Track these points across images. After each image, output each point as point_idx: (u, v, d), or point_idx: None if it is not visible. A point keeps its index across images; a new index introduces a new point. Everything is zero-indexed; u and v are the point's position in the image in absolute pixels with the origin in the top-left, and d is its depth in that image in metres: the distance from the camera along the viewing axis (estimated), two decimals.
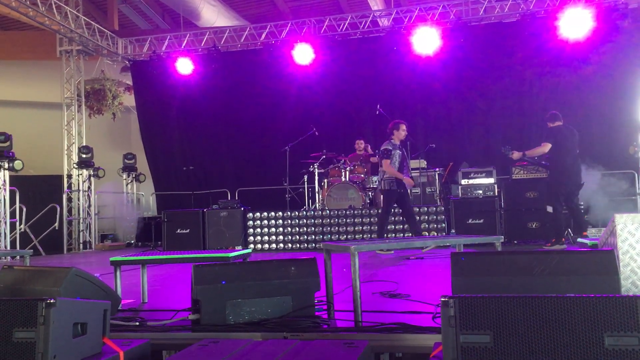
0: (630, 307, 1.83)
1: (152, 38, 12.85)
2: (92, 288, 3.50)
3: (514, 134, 10.61)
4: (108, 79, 12.80)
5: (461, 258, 2.98)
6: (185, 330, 3.16)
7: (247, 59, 12.26)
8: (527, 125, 10.73)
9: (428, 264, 6.41)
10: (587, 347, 1.85)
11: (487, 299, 1.97)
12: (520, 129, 10.80)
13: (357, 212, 9.12)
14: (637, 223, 2.98)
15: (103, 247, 11.79)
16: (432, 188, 10.02)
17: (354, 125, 11.26)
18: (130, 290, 4.79)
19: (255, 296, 3.30)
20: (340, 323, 3.28)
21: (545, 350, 1.88)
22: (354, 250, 3.19)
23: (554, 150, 7.31)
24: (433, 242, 3.55)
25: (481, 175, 9.19)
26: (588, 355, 1.84)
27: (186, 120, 12.75)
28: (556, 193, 7.32)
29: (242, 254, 4.30)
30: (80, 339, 2.43)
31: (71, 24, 11.16)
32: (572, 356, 1.85)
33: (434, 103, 11.14)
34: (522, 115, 10.87)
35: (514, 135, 10.51)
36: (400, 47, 11.22)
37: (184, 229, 9.58)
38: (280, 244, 9.39)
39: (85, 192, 11.97)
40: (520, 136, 10.57)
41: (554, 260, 2.85)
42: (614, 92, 10.41)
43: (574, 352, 1.85)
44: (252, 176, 12.08)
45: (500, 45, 10.93)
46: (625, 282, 2.95)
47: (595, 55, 10.40)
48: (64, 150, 12.22)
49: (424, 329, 2.92)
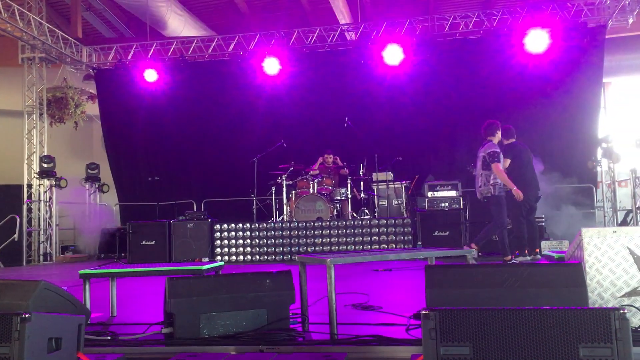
0: (604, 319, 1.90)
1: (118, 47, 12.68)
2: (61, 302, 3.41)
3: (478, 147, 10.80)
4: (70, 87, 12.54)
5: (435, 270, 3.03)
6: (159, 344, 3.12)
7: (214, 70, 12.23)
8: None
9: (397, 276, 6.48)
10: (562, 357, 1.92)
11: (467, 312, 2.02)
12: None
13: (325, 224, 9.15)
14: (602, 237, 3.10)
15: (64, 259, 11.51)
16: (399, 200, 10.14)
17: (323, 137, 11.31)
18: (98, 303, 4.69)
19: (230, 309, 3.29)
20: (315, 335, 3.29)
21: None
22: (330, 263, 3.21)
23: (513, 166, 7.41)
24: (407, 254, 3.60)
25: (447, 188, 9.36)
26: None
27: (152, 130, 12.58)
28: (519, 207, 7.44)
29: (215, 266, 4.27)
30: (55, 354, 2.38)
31: (34, 31, 10.94)
32: None
33: (401, 116, 11.29)
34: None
35: (479, 149, 10.71)
36: (367, 61, 11.39)
37: (149, 241, 9.42)
38: (247, 256, 9.33)
39: (46, 203, 11.68)
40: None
41: (524, 273, 2.93)
42: (573, 108, 10.78)
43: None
44: (218, 187, 11.99)
45: (465, 61, 11.19)
46: (592, 294, 3.05)
47: (556, 72, 10.76)
48: (25, 159, 11.90)
49: (400, 341, 2.96)
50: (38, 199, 11.69)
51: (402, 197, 10.15)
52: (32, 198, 11.66)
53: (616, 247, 3.06)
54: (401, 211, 10.03)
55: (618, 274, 3.04)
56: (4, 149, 12.78)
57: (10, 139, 12.53)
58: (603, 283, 3.06)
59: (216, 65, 12.31)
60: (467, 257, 3.61)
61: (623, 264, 3.04)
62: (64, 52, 11.91)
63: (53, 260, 11.47)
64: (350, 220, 9.18)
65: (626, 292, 3.03)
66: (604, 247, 3.08)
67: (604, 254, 3.08)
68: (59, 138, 12.84)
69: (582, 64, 10.72)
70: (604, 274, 3.06)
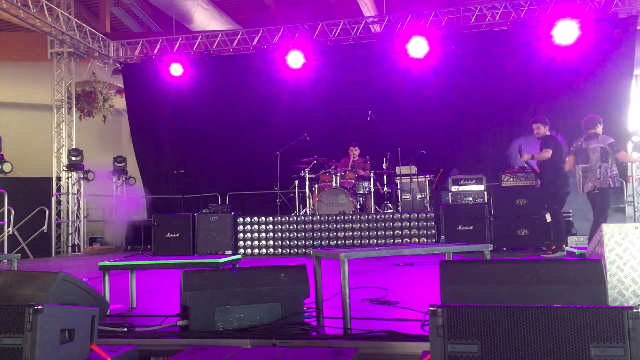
0: (617, 318, 1.85)
1: (144, 41, 12.81)
2: (80, 293, 3.47)
3: (504, 141, 10.65)
4: (99, 82, 12.74)
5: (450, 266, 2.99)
6: (173, 337, 3.15)
7: (239, 64, 12.27)
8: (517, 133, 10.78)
9: (417, 271, 6.42)
10: (573, 357, 1.87)
11: (475, 309, 1.98)
12: (510, 137, 10.85)
13: (347, 217, 9.12)
14: (623, 233, 3.01)
15: (92, 251, 11.72)
16: (423, 194, 10.05)
17: (346, 131, 11.26)
18: (120, 295, 4.76)
19: (244, 303, 3.30)
20: (329, 330, 3.28)
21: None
22: (344, 258, 3.19)
23: (555, 158, 7.33)
24: (423, 249, 3.56)
25: (471, 182, 9.23)
26: None
27: (177, 124, 12.70)
28: (556, 198, 7.35)
29: (232, 259, 4.29)
30: (68, 345, 2.41)
31: (62, 26, 11.11)
32: None
33: (425, 109, 11.16)
34: (512, 123, 10.93)
35: (504, 143, 10.56)
36: (392, 54, 11.27)
37: (173, 233, 9.52)
38: (270, 249, 9.37)
39: (74, 195, 11.90)
40: (510, 144, 10.62)
41: (541, 269, 2.87)
42: (603, 101, 10.49)
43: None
44: (242, 180, 12.06)
45: (491, 53, 11.01)
46: (612, 291, 2.98)
47: (585, 64, 10.50)
48: (54, 152, 12.15)
49: (413, 337, 2.93)
50: (67, 191, 11.93)
51: (426, 191, 10.05)
52: (61, 190, 11.90)
53: (638, 243, 2.98)
54: (425, 205, 9.94)
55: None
56: (34, 143, 13.05)
57: (40, 133, 12.79)
58: (624, 280, 2.98)
59: (240, 59, 12.34)
60: (484, 253, 3.55)
61: None
62: (91, 46, 12.09)
63: (81, 252, 11.69)
64: (373, 214, 9.13)
65: None
66: (626, 244, 3.00)
67: (625, 250, 3.00)
68: (87, 131, 13.06)
69: (613, 55, 10.42)
70: (625, 271, 2.98)
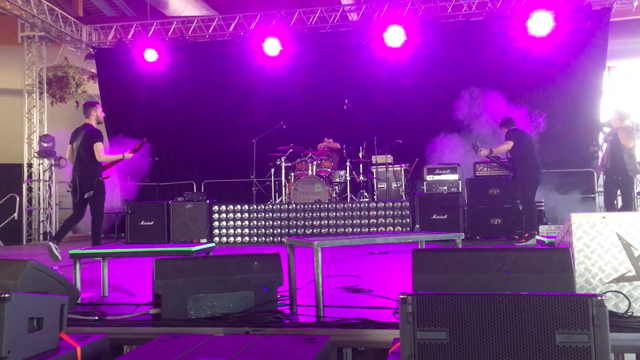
0: (581, 306, 1.89)
1: (118, 26, 12.59)
2: (50, 281, 3.43)
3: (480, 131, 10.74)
4: (71, 67, 12.49)
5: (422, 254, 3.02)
6: (145, 325, 3.13)
7: (215, 50, 12.16)
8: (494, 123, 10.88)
9: (391, 259, 6.47)
10: (538, 343, 1.91)
11: (444, 296, 2.00)
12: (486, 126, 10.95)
13: (323, 206, 9.14)
14: (591, 222, 3.07)
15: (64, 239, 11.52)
16: (398, 183, 10.11)
17: (322, 119, 11.24)
18: (91, 283, 4.71)
19: (217, 291, 3.29)
20: (302, 318, 3.29)
21: (498, 347, 1.93)
22: (317, 246, 3.20)
23: (518, 148, 7.48)
24: (396, 238, 3.58)
25: (446, 172, 9.32)
26: (539, 351, 1.90)
27: (152, 110, 12.54)
28: (528, 187, 7.48)
29: (205, 247, 4.27)
30: (36, 334, 2.38)
31: (33, 9, 10.86)
32: (524, 352, 1.90)
33: (401, 99, 11.19)
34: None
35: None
36: (369, 42, 11.28)
37: (148, 221, 9.43)
38: (245, 237, 9.34)
39: (46, 182, 11.70)
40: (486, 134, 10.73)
41: (511, 257, 2.92)
42: (576, 92, 10.66)
43: (526, 349, 1.91)
44: (218, 168, 11.97)
45: (467, 43, 11.07)
46: (580, 279, 3.03)
47: (559, 55, 10.64)
48: (25, 138, 11.91)
49: (385, 324, 2.96)
50: (38, 178, 11.71)
51: (402, 180, 10.11)
52: (32, 177, 11.69)
53: (605, 232, 3.04)
54: (400, 194, 10.00)
55: (606, 259, 3.01)
56: (4, 128, 12.78)
57: (10, 118, 12.52)
58: (591, 269, 3.04)
59: (216, 45, 12.23)
60: (456, 241, 3.60)
61: (612, 249, 3.02)
62: (63, 30, 11.84)
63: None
64: (349, 203, 9.16)
65: (614, 278, 3.01)
66: (593, 233, 3.06)
67: (592, 239, 3.05)
68: (59, 117, 12.80)
69: (586, 47, 10.57)
70: (592, 260, 3.04)
